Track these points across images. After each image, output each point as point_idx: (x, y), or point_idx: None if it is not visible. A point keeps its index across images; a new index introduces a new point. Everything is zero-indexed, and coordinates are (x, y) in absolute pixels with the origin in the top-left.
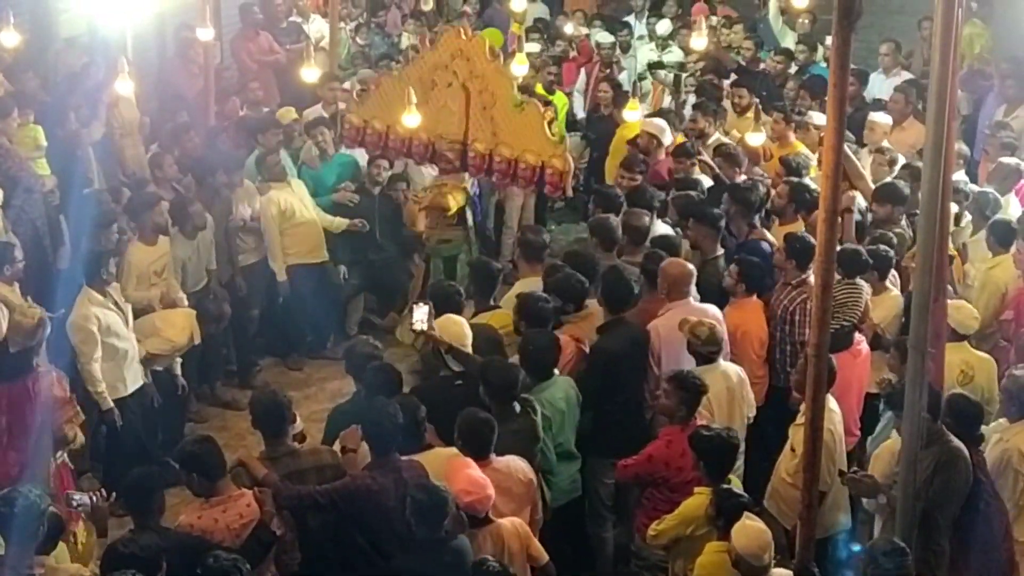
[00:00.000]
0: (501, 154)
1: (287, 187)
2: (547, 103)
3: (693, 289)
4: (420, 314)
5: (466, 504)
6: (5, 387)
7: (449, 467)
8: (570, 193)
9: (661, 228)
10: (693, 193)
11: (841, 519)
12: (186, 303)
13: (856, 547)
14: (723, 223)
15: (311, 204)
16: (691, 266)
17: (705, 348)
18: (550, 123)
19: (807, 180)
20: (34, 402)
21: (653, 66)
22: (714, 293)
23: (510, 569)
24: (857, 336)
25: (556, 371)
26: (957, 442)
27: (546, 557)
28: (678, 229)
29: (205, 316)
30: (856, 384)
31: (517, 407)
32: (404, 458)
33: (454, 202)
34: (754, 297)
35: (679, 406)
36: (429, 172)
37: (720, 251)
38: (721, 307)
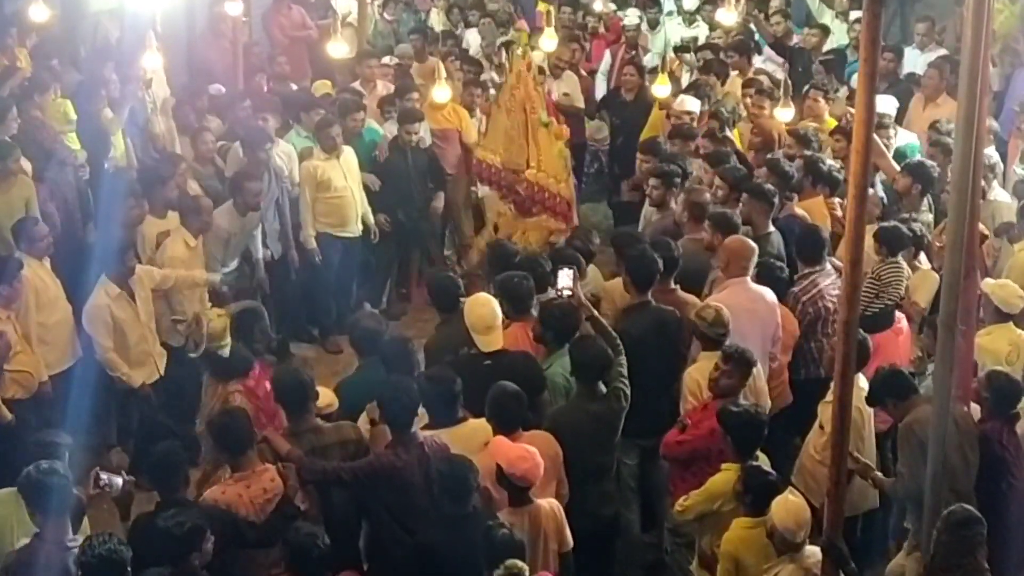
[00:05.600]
0: (543, 185)
1: (333, 159)
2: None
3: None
4: (566, 279)
5: (522, 472)
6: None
7: (496, 439)
8: (576, 223)
9: None
10: (742, 167)
11: (870, 498)
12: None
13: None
14: (776, 199)
15: (356, 179)
16: (752, 244)
17: (712, 331)
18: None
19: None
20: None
21: (679, 49)
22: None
23: (540, 549)
24: (897, 314)
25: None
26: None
27: (571, 543)
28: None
29: (242, 294)
30: (900, 363)
31: (603, 388)
32: (427, 433)
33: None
34: None
35: (741, 382)
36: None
37: (771, 228)
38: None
